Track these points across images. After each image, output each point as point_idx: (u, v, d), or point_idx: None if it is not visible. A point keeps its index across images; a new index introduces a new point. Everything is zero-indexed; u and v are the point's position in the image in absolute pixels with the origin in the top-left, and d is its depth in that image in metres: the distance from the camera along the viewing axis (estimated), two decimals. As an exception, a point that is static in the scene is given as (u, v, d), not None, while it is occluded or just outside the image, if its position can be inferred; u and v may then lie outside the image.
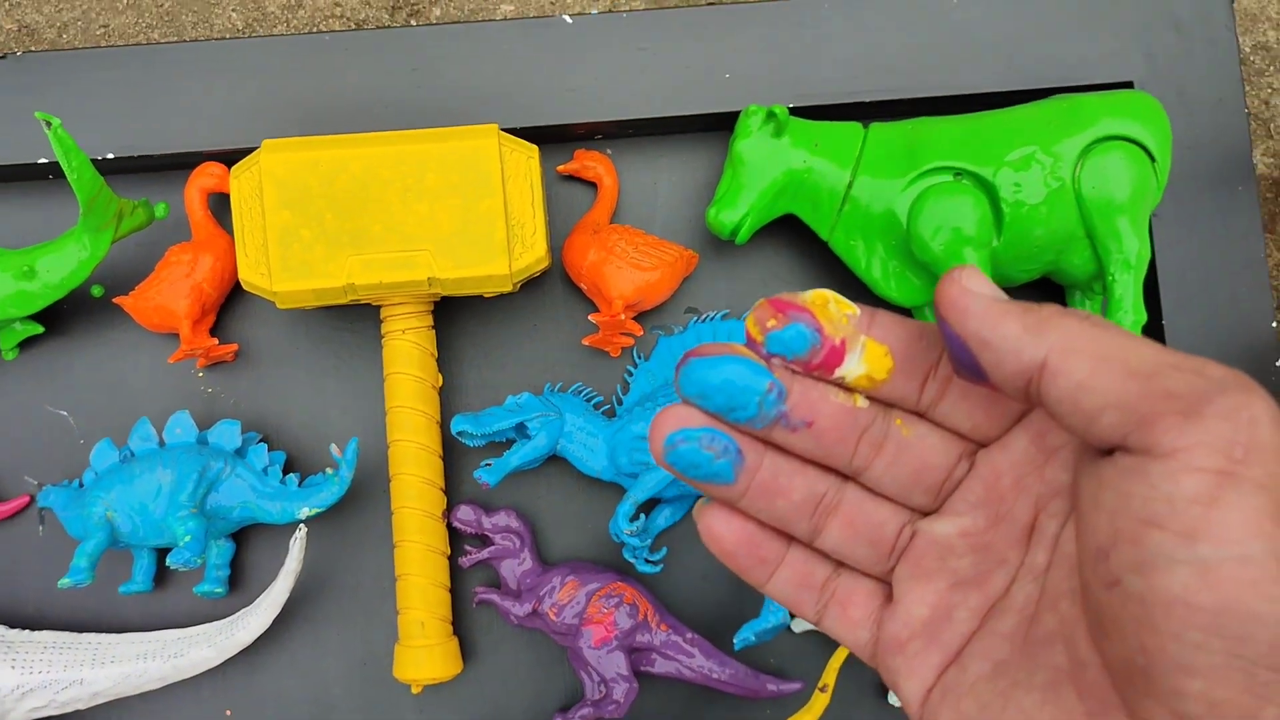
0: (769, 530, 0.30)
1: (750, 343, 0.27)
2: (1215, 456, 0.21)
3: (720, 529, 0.30)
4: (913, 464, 0.29)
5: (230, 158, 0.66)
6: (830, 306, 0.27)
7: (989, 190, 0.61)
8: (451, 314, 0.68)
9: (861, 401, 0.28)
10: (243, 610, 0.63)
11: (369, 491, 0.67)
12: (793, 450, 0.29)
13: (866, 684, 0.66)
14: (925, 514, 0.30)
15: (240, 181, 0.60)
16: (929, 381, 0.28)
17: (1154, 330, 0.66)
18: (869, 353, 0.27)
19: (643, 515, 0.63)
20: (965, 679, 0.27)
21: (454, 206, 0.60)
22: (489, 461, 0.64)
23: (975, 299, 0.25)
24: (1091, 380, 0.23)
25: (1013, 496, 0.28)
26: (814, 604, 0.31)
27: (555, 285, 0.69)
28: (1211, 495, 0.21)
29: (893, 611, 0.29)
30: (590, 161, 0.68)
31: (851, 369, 0.27)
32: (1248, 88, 0.70)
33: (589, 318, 0.65)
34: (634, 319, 0.67)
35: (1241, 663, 0.20)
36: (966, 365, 0.25)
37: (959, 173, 0.62)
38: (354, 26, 0.74)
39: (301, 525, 0.61)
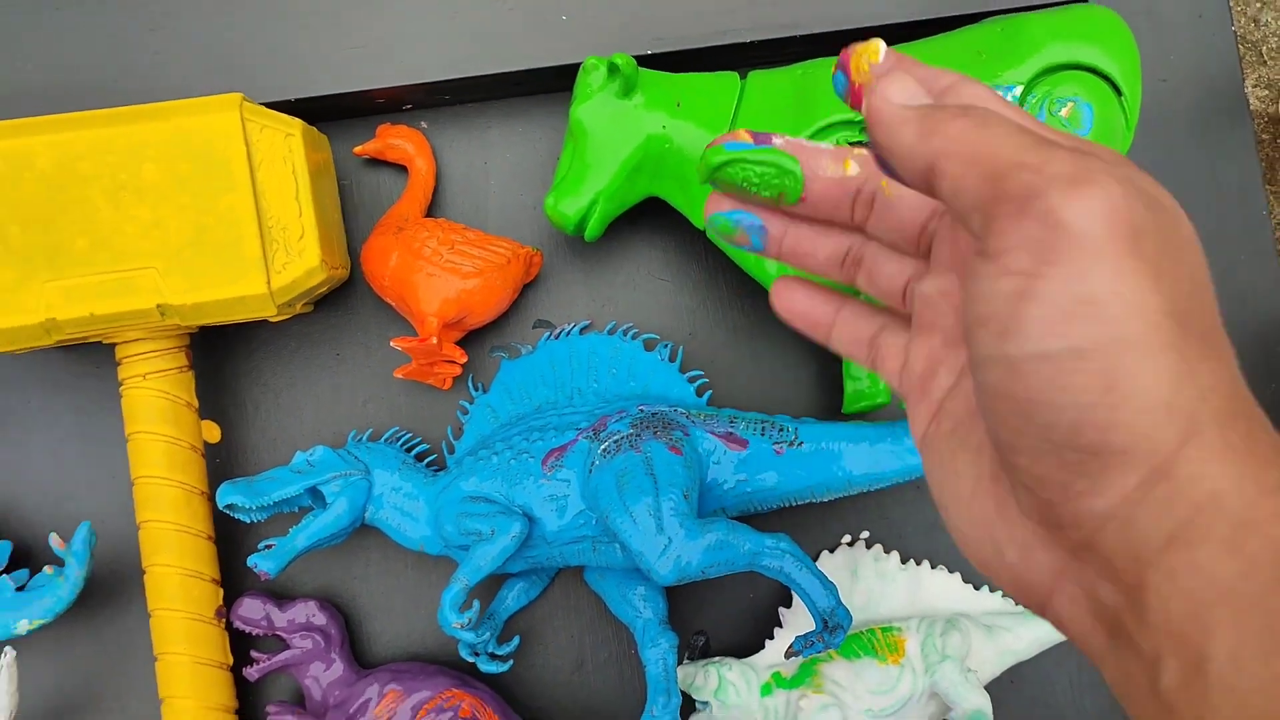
0: (819, 297, 0.33)
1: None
2: (1025, 257, 0.22)
3: (781, 301, 0.33)
4: (894, 220, 0.31)
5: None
6: (862, 58, 0.28)
7: (906, 146, 0.46)
8: (223, 345, 0.52)
9: (853, 169, 0.30)
10: (-51, 763, 0.48)
11: (127, 585, 0.52)
12: (807, 218, 0.32)
13: (788, 796, 0.51)
14: (924, 268, 0.31)
15: (-108, 189, 0.44)
16: None
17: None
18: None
19: (476, 602, 0.47)
20: (939, 432, 0.29)
21: (187, 206, 0.44)
22: (270, 543, 0.48)
23: (886, 105, 0.26)
24: (960, 182, 0.24)
25: (967, 255, 0.29)
26: (866, 357, 0.33)
27: (363, 302, 0.54)
28: (1019, 294, 0.22)
29: (905, 365, 0.32)
30: (396, 139, 0.52)
31: (863, 110, 0.28)
32: (1233, 2, 0.55)
33: (392, 343, 0.49)
34: (460, 341, 0.51)
35: (1049, 445, 0.23)
36: (887, 169, 0.27)
37: (864, 128, 0.47)
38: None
39: (8, 650, 0.46)
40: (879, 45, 0.28)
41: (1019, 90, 0.46)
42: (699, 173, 0.31)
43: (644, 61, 0.51)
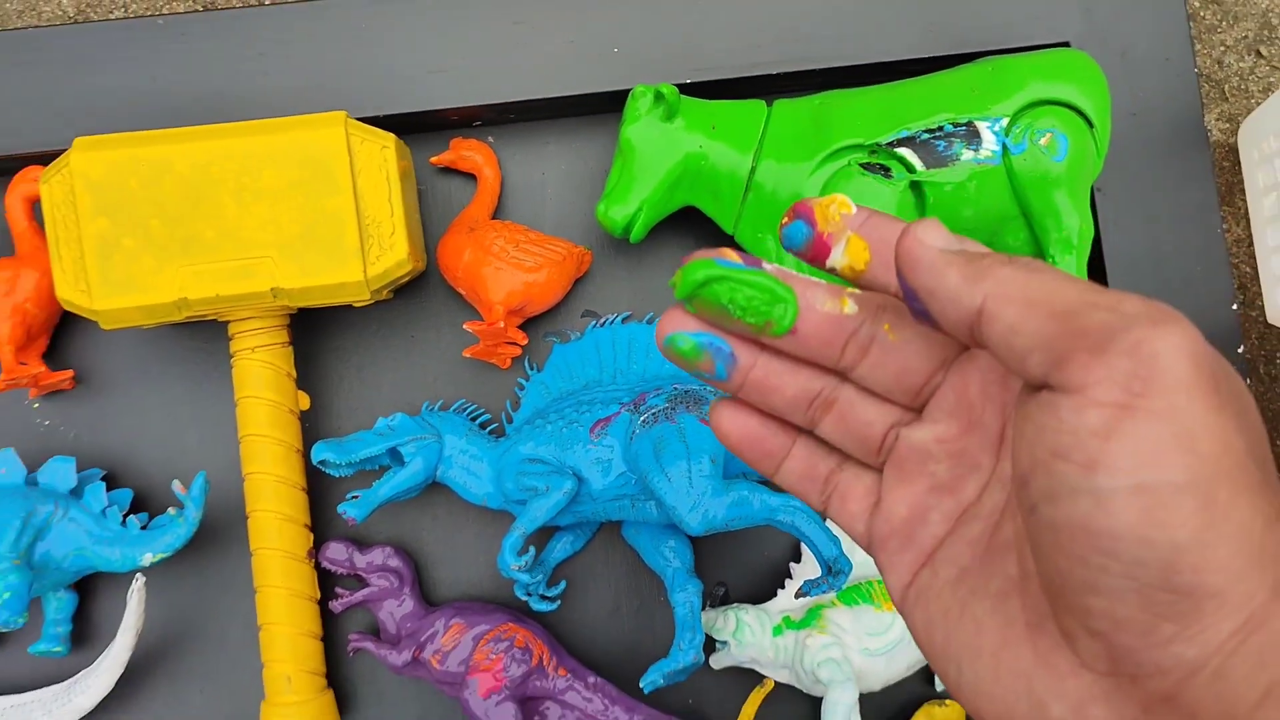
0: (774, 425, 0.32)
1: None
2: (1115, 391, 0.22)
3: (728, 424, 0.32)
4: (895, 367, 0.30)
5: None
6: (830, 208, 0.29)
7: (907, 169, 0.54)
8: (315, 326, 0.61)
9: (850, 307, 0.29)
10: (82, 672, 0.56)
11: (230, 530, 0.60)
12: (782, 351, 0.30)
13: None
14: (912, 414, 0.31)
15: (51, 187, 0.53)
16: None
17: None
18: (850, 246, 0.28)
19: (533, 548, 0.55)
20: (935, 582, 0.29)
21: (298, 206, 0.53)
22: (356, 494, 0.57)
23: (924, 250, 0.26)
24: (1020, 324, 0.24)
25: (981, 405, 0.29)
26: (819, 495, 0.32)
27: (435, 291, 0.62)
28: (1109, 428, 0.22)
29: (878, 511, 0.31)
30: (468, 150, 0.60)
31: (836, 259, 0.29)
32: (1198, 45, 0.63)
33: (464, 326, 0.57)
34: (520, 326, 0.59)
35: (1136, 585, 0.22)
36: (919, 312, 0.27)
37: (874, 149, 0.55)
38: (201, 8, 0.66)
39: (139, 576, 0.54)
40: (847, 199, 0.29)
41: (1005, 121, 0.54)
42: (677, 287, 0.29)
43: (683, 90, 0.59)
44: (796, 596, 0.53)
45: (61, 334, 0.61)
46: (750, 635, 0.57)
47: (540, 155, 0.62)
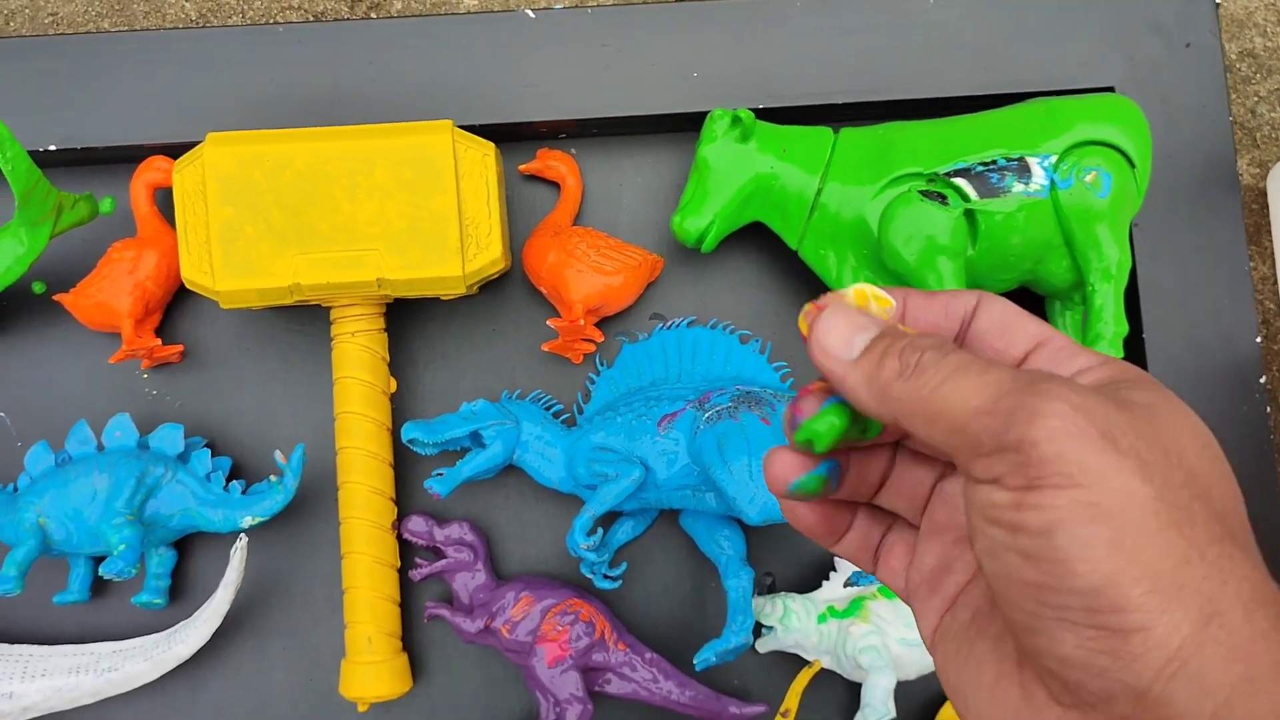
0: (840, 506, 0.34)
1: (805, 340, 0.30)
2: (1017, 478, 0.25)
3: (802, 511, 0.34)
4: None
5: (178, 152, 0.63)
6: (870, 305, 0.29)
7: (963, 198, 0.59)
8: (406, 316, 0.66)
9: None
10: (181, 623, 0.61)
11: (318, 499, 0.65)
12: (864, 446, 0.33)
13: (836, 704, 0.64)
14: (951, 470, 0.33)
15: (183, 176, 0.58)
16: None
17: (1134, 342, 0.64)
18: None
19: (600, 529, 0.60)
20: (954, 626, 0.31)
21: (405, 204, 0.57)
22: (440, 471, 0.61)
23: (836, 365, 0.29)
24: (929, 438, 0.27)
25: None
26: (869, 561, 0.35)
27: (516, 288, 0.67)
28: (1018, 502, 0.25)
29: (912, 563, 0.33)
30: (553, 161, 0.65)
31: None
32: (1233, 95, 0.68)
33: (548, 323, 0.62)
34: (596, 325, 0.64)
35: (1066, 625, 0.24)
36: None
37: (932, 178, 0.60)
38: (312, 18, 0.71)
39: (242, 535, 0.59)
40: (877, 290, 0.30)
41: (1054, 158, 0.59)
42: (793, 438, 0.31)
43: (756, 114, 0.64)
44: (845, 586, 0.58)
45: (171, 311, 0.66)
46: (796, 621, 0.62)
47: (618, 168, 0.67)
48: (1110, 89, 0.65)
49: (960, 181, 0.59)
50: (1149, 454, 0.25)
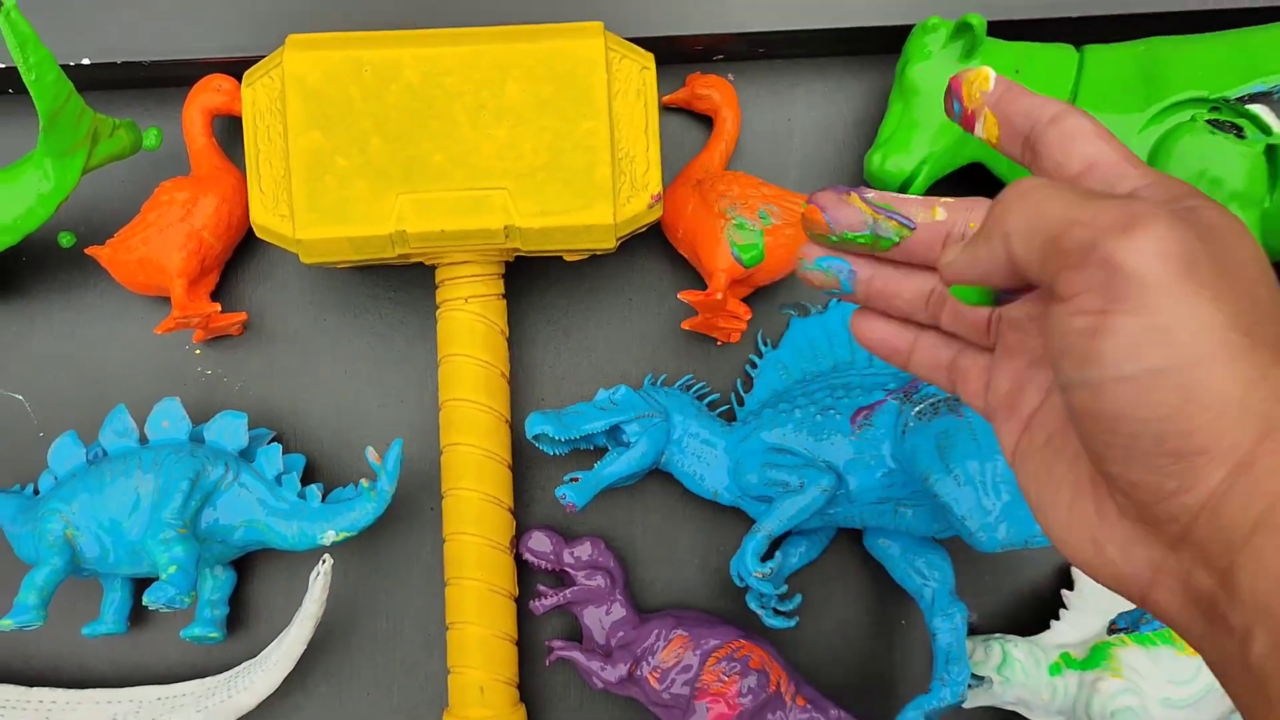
0: (900, 325, 0.36)
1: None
2: (1095, 299, 0.25)
3: (865, 328, 0.36)
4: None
5: (242, 69, 0.50)
6: (974, 85, 0.32)
7: (1262, 130, 0.46)
8: (523, 283, 0.53)
9: (940, 214, 0.33)
10: (245, 664, 0.49)
11: (415, 510, 0.52)
12: (893, 261, 0.35)
13: (1060, 781, 0.51)
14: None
15: (255, 91, 0.45)
16: (1025, 148, 0.31)
17: None
18: (988, 121, 0.32)
19: (778, 554, 0.47)
20: (1033, 445, 0.32)
21: (544, 130, 0.45)
22: (575, 476, 0.48)
23: (957, 266, 0.30)
24: (1025, 253, 0.27)
25: None
26: (947, 380, 0.36)
27: (658, 247, 0.54)
28: (1093, 329, 0.25)
29: (990, 387, 0.34)
30: (705, 89, 0.52)
31: (978, 131, 0.32)
32: None
33: (679, 296, 0.49)
34: (750, 295, 0.51)
35: (1137, 454, 0.26)
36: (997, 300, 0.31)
37: (1220, 105, 0.46)
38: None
39: (326, 557, 0.46)
40: (989, 73, 0.32)
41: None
42: (814, 238, 0.35)
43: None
44: (1111, 631, 0.45)
45: (231, 271, 0.53)
46: (1022, 672, 0.49)
47: (788, 99, 0.54)
48: None
49: (1259, 109, 0.48)
50: (1222, 282, 0.25)
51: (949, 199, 0.33)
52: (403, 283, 0.53)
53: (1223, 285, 0.25)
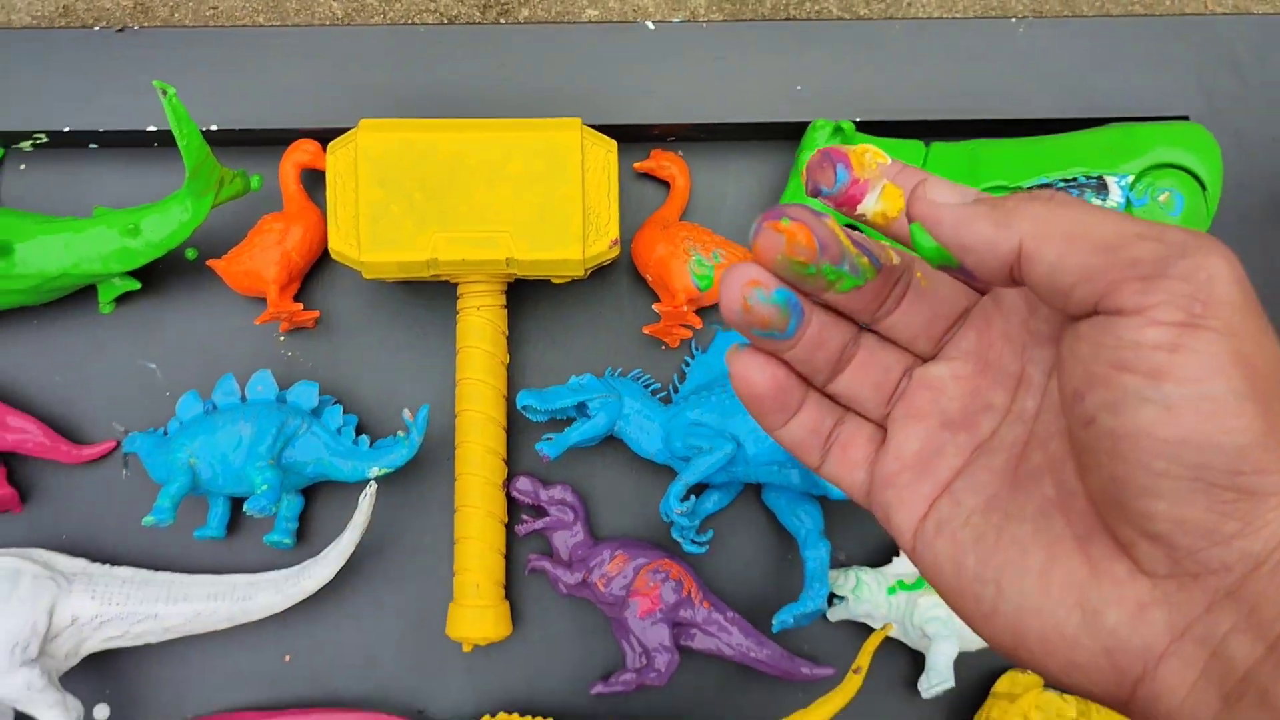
0: (795, 377, 0.33)
1: (804, 181, 0.31)
2: (1176, 311, 0.23)
3: (755, 375, 0.32)
4: (926, 313, 0.32)
5: (323, 136, 0.69)
6: (866, 156, 0.30)
7: (1043, 209, 0.64)
8: (522, 297, 0.72)
9: (895, 258, 0.31)
10: (309, 560, 0.67)
11: (432, 459, 0.71)
12: (827, 306, 0.32)
13: (898, 672, 0.69)
14: (924, 360, 0.33)
15: (336, 157, 0.64)
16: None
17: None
18: (886, 192, 0.30)
19: (693, 497, 0.66)
20: (959, 512, 0.30)
21: (535, 193, 0.64)
22: (550, 436, 0.67)
23: (943, 209, 0.27)
24: (1063, 260, 0.25)
25: (1000, 345, 0.31)
26: (819, 450, 0.33)
27: (621, 277, 0.72)
28: (1174, 343, 0.23)
29: (885, 449, 0.32)
30: (665, 161, 0.71)
31: (869, 206, 0.30)
32: (1300, 130, 0.72)
33: (654, 307, 0.68)
34: (695, 313, 0.70)
35: (1202, 485, 0.23)
36: (954, 270, 0.29)
37: (1016, 191, 0.65)
38: (446, 21, 0.78)
39: (372, 481, 0.65)
40: (879, 149, 0.30)
41: (1131, 178, 0.64)
42: (782, 265, 0.30)
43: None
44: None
45: (308, 282, 0.72)
46: (868, 592, 0.67)
47: (723, 171, 0.73)
48: (1185, 118, 0.69)
49: None
50: (1274, 328, 0.25)
51: (900, 247, 0.32)
52: (432, 296, 0.72)
53: (1275, 330, 0.24)
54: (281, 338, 0.72)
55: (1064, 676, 0.27)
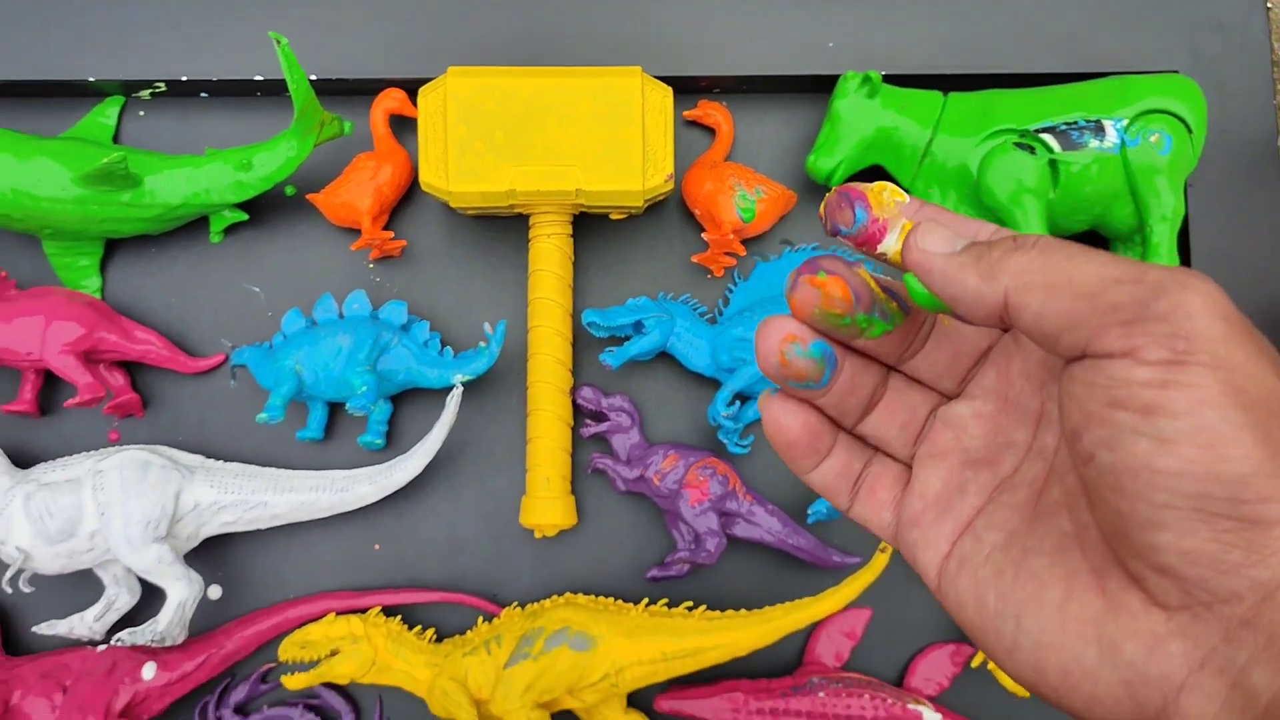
0: (826, 421, 0.33)
1: (822, 220, 0.31)
2: (1160, 350, 0.23)
3: (788, 421, 0.32)
4: (950, 352, 0.32)
5: (407, 85, 0.79)
6: (884, 195, 0.30)
7: (1048, 150, 0.73)
8: (584, 232, 0.81)
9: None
10: (399, 457, 0.76)
11: (505, 373, 0.80)
12: (857, 351, 0.32)
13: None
14: (949, 399, 0.33)
15: (428, 99, 0.73)
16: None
17: (1182, 283, 0.77)
18: (906, 231, 0.30)
19: (738, 403, 0.75)
20: (981, 549, 0.30)
21: (601, 132, 0.72)
22: (612, 350, 0.76)
23: (933, 260, 0.28)
24: (1046, 309, 0.25)
25: (1020, 383, 0.31)
26: (847, 492, 0.34)
27: (671, 214, 0.81)
28: (1162, 379, 0.23)
29: (910, 489, 0.32)
30: (712, 110, 0.80)
31: (889, 245, 0.30)
32: (1278, 85, 0.81)
33: (703, 236, 0.77)
34: (740, 242, 0.79)
35: (1203, 515, 0.23)
36: (953, 314, 0.29)
37: (1023, 133, 0.74)
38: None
39: (459, 384, 0.74)
40: (897, 188, 0.30)
41: (1125, 122, 0.73)
42: (818, 318, 0.30)
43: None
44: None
45: (394, 215, 0.81)
46: None
47: (761, 120, 0.82)
48: (1175, 72, 0.78)
49: (1046, 137, 0.73)
50: (1270, 354, 0.25)
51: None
52: (503, 229, 0.81)
53: (1271, 356, 0.24)
54: (370, 265, 0.81)
55: (1086, 711, 0.27)
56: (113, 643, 0.71)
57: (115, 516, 0.70)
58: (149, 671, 0.73)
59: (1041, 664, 0.27)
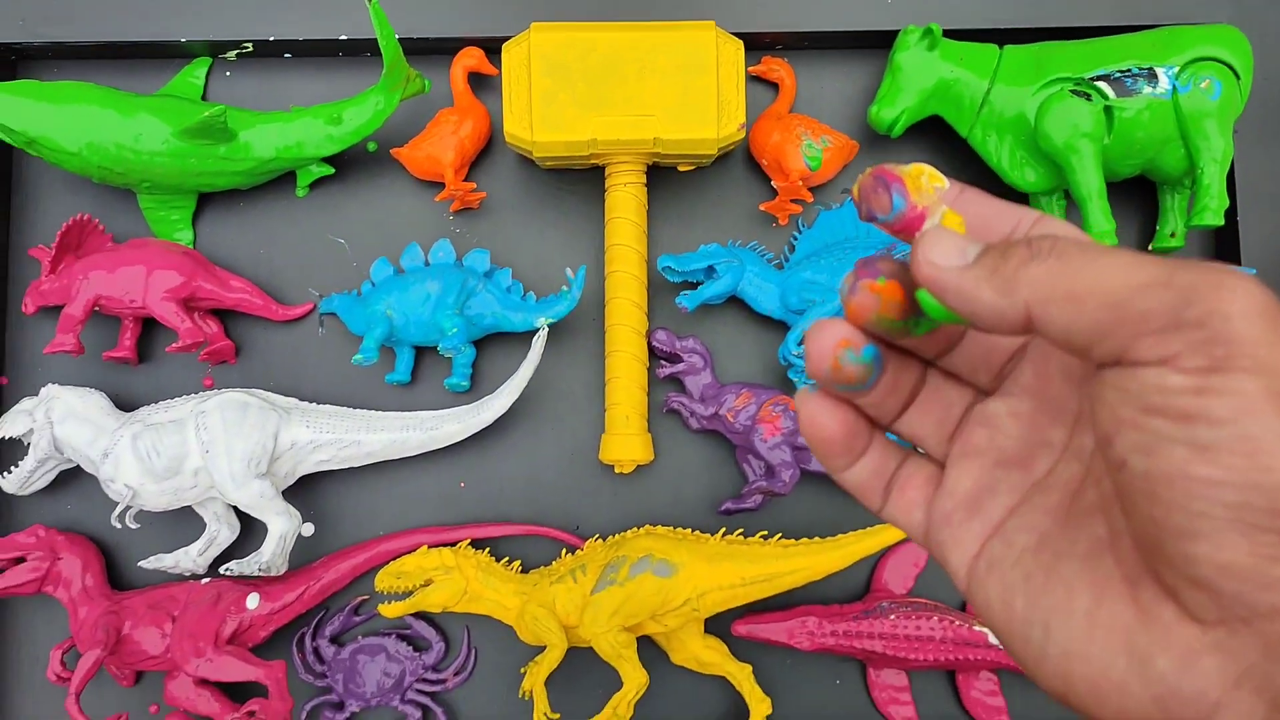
0: (863, 420, 0.32)
1: (855, 203, 0.30)
2: (1198, 358, 0.23)
3: (825, 418, 0.31)
4: (982, 349, 0.31)
5: (485, 44, 0.82)
6: (922, 179, 0.28)
7: (1103, 97, 0.77)
8: (657, 183, 0.84)
9: None
10: (488, 396, 0.80)
11: (582, 319, 0.83)
12: (899, 348, 0.32)
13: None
14: (986, 395, 0.32)
15: (511, 54, 0.77)
16: None
17: (1229, 226, 0.81)
18: (946, 219, 0.28)
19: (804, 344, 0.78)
20: (1011, 551, 0.29)
21: (676, 83, 0.76)
22: (686, 293, 0.80)
23: (946, 276, 0.27)
24: (1072, 323, 0.24)
25: (1059, 381, 0.30)
26: (880, 493, 0.33)
27: (736, 166, 0.85)
28: (1200, 386, 0.23)
29: (941, 488, 0.31)
30: (775, 65, 0.84)
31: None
32: (1317, 37, 0.84)
33: (773, 183, 0.81)
34: (807, 189, 0.83)
35: (1243, 526, 0.22)
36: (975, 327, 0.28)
37: (1079, 81, 0.77)
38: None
39: (543, 326, 0.78)
40: (935, 170, 0.28)
41: (1177, 69, 0.76)
42: (874, 322, 0.29)
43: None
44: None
45: (473, 170, 0.85)
46: None
47: (819, 75, 0.85)
48: (1223, 24, 0.82)
49: (1101, 84, 0.77)
50: None
51: None
52: (576, 181, 0.84)
53: None
54: (451, 216, 0.84)
55: None
56: (221, 572, 0.75)
57: (219, 454, 0.74)
58: (253, 601, 0.76)
59: (1069, 674, 0.26)
